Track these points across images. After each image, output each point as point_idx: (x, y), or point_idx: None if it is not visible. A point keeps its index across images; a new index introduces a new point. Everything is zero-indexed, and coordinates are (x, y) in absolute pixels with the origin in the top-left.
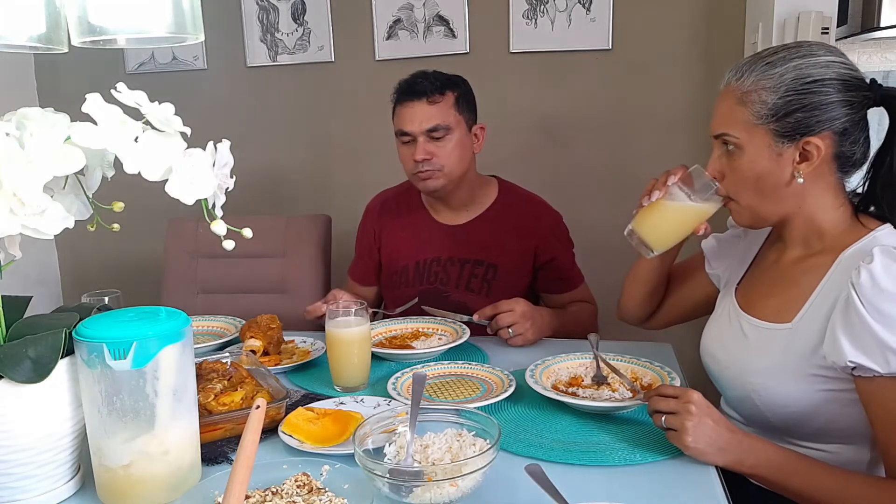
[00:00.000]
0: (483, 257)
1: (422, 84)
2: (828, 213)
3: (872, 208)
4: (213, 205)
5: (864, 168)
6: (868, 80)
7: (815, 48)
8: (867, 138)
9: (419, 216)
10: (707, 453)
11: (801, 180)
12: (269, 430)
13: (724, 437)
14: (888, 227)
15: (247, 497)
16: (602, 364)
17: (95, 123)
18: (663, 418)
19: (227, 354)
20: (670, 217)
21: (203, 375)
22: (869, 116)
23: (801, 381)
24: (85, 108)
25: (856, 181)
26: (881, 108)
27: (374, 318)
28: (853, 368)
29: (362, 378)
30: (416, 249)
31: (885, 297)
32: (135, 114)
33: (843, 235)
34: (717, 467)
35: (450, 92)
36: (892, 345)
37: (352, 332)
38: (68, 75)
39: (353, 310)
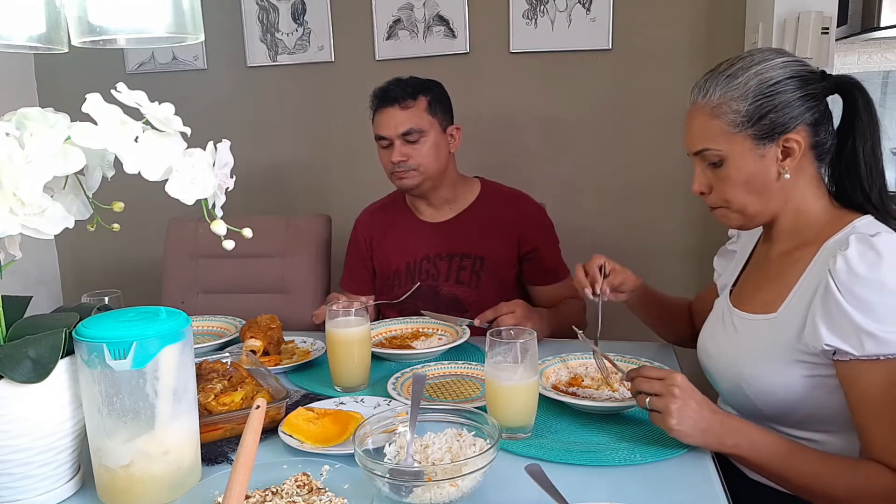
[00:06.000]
0: (469, 250)
1: (394, 91)
2: (811, 205)
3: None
4: (213, 205)
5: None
6: (818, 72)
7: (768, 53)
8: (833, 126)
9: (405, 219)
10: (690, 435)
11: (787, 175)
12: (269, 430)
13: (707, 418)
14: (868, 217)
15: (247, 497)
16: (600, 361)
17: (95, 123)
18: (647, 400)
19: (227, 354)
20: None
21: (203, 375)
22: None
23: (787, 367)
24: (85, 108)
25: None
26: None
27: (375, 317)
28: (833, 353)
29: (362, 378)
30: (406, 251)
31: (859, 281)
32: (135, 114)
33: (826, 227)
34: (716, 468)
35: (422, 96)
36: (865, 328)
37: (352, 332)
38: (68, 75)
39: (354, 310)
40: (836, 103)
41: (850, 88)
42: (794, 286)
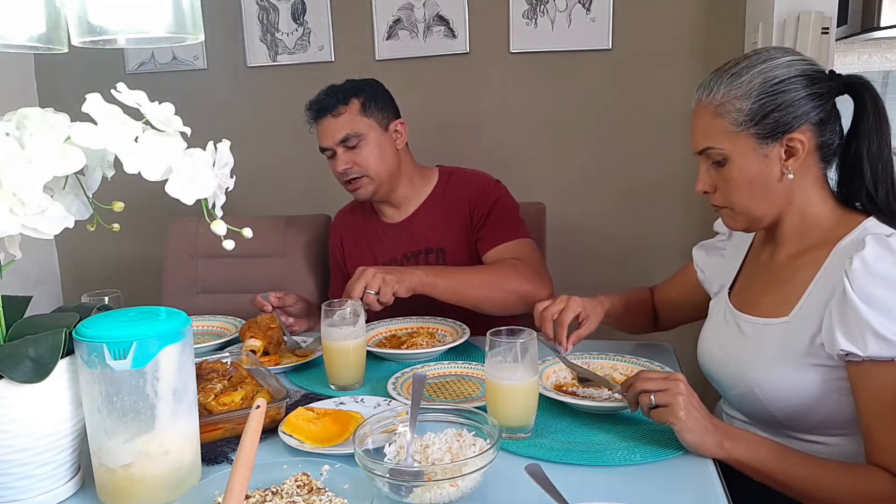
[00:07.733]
0: (430, 244)
1: (324, 101)
2: (817, 206)
3: (858, 204)
4: (213, 205)
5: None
6: (827, 72)
7: (773, 52)
8: (841, 126)
9: (371, 223)
10: (695, 430)
11: (790, 176)
12: (269, 430)
13: (707, 418)
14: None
15: (247, 497)
16: (573, 365)
17: (95, 123)
18: (652, 396)
19: (227, 354)
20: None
21: (203, 375)
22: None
23: (802, 371)
24: (85, 108)
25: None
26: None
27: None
28: (846, 355)
29: (357, 377)
30: (374, 255)
31: (874, 281)
32: (135, 114)
33: (835, 228)
34: (716, 467)
35: (354, 99)
36: (879, 329)
37: (346, 332)
38: (68, 75)
39: (348, 308)
40: (847, 105)
41: (858, 88)
42: (807, 289)
